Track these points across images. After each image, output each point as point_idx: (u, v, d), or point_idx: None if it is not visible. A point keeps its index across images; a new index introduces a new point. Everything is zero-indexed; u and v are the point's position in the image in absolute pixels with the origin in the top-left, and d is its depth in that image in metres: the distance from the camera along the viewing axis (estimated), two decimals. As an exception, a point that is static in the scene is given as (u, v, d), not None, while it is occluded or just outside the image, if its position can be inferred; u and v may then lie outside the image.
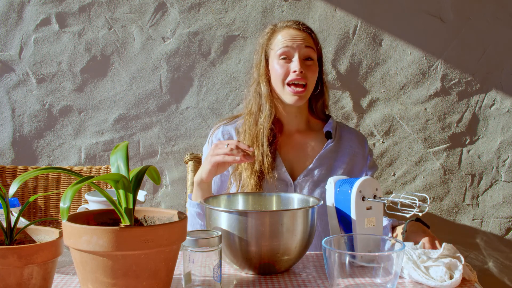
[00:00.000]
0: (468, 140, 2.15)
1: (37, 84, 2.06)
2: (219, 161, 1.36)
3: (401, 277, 1.10)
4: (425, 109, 2.13)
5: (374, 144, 2.13)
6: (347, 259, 0.97)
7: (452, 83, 2.12)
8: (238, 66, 2.08)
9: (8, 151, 2.07)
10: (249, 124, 1.60)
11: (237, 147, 1.35)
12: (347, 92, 2.11)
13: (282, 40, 1.57)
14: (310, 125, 1.68)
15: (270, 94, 1.60)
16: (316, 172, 1.58)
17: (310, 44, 1.57)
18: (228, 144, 1.35)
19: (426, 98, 2.12)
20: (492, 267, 2.19)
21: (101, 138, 2.09)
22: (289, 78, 1.55)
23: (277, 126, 1.62)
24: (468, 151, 2.15)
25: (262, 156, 1.54)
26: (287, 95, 1.56)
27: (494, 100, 2.14)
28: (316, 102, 1.67)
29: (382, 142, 2.13)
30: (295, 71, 1.53)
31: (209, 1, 2.06)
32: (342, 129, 1.69)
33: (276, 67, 1.57)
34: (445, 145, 2.14)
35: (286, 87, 1.56)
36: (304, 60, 1.56)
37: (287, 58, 1.55)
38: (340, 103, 2.11)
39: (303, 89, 1.55)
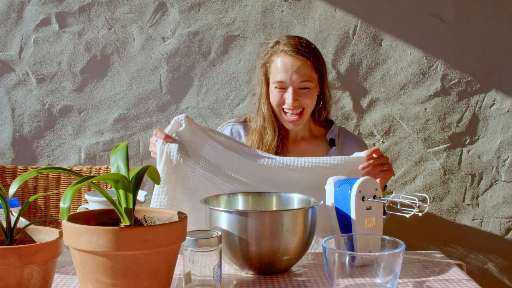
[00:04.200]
0: (468, 140, 2.15)
1: (37, 84, 2.06)
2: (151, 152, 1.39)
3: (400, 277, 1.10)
4: (425, 109, 2.13)
5: (374, 144, 2.13)
6: (347, 259, 0.97)
7: (452, 83, 2.12)
8: (238, 66, 2.08)
9: (8, 151, 2.07)
10: (256, 140, 1.63)
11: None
12: (347, 92, 2.11)
13: (278, 68, 1.57)
14: (313, 132, 1.72)
15: (272, 115, 1.63)
16: None
17: (305, 74, 1.56)
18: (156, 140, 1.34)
19: (426, 98, 2.12)
20: (492, 267, 2.19)
21: (101, 138, 2.09)
22: (284, 106, 1.59)
23: (283, 132, 1.66)
24: (468, 151, 2.15)
25: None
26: (284, 121, 1.62)
27: (494, 100, 2.14)
28: (319, 115, 1.70)
29: (382, 142, 2.13)
30: (289, 103, 1.56)
31: (209, 1, 2.06)
32: (345, 136, 1.72)
33: (273, 92, 1.60)
34: (445, 145, 2.14)
35: (282, 113, 1.60)
36: (299, 89, 1.57)
37: (282, 88, 1.58)
38: (340, 103, 2.11)
39: (298, 117, 1.58)
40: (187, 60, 2.08)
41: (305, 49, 1.57)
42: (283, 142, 1.64)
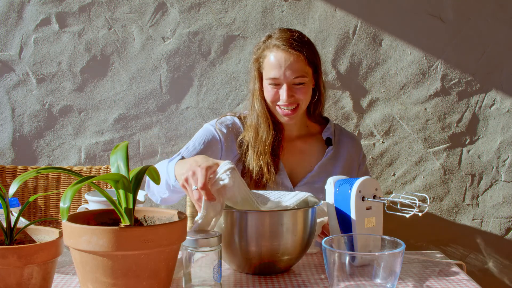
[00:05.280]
0: (468, 140, 2.15)
1: (37, 84, 2.06)
2: (182, 185, 1.19)
3: (400, 278, 1.10)
4: (425, 109, 2.13)
5: (374, 144, 2.13)
6: (347, 259, 0.97)
7: (452, 83, 2.12)
8: (238, 66, 2.08)
9: (8, 151, 2.07)
10: (252, 137, 1.58)
11: (197, 202, 1.14)
12: (347, 92, 2.11)
13: (271, 64, 1.53)
14: (309, 129, 1.69)
15: (266, 111, 1.59)
16: (317, 179, 1.59)
17: (299, 69, 1.51)
18: (195, 188, 1.14)
19: (426, 98, 2.12)
20: (492, 267, 2.19)
21: (101, 138, 2.09)
22: (278, 102, 1.55)
23: (279, 127, 1.62)
24: (468, 151, 2.15)
25: (267, 167, 1.55)
26: (278, 115, 1.58)
27: (494, 100, 2.14)
28: (314, 110, 1.67)
29: (382, 142, 2.13)
30: (283, 99, 1.53)
31: (209, 1, 2.06)
32: (340, 134, 1.70)
33: (267, 88, 1.56)
34: (445, 145, 2.14)
35: (277, 107, 1.56)
36: (294, 84, 1.53)
37: (276, 84, 1.54)
38: (340, 103, 2.11)
39: (292, 111, 1.55)
40: (187, 60, 2.08)
41: (297, 43, 1.53)
42: (279, 140, 1.60)
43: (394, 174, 2.15)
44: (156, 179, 1.00)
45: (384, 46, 2.10)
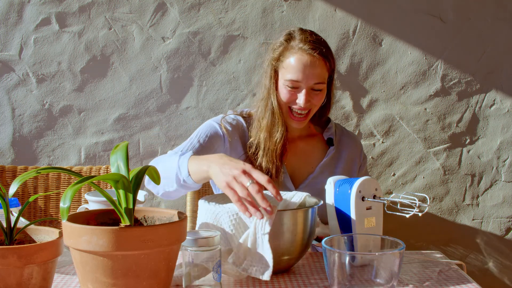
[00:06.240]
0: (468, 140, 2.15)
1: (37, 84, 2.06)
2: (224, 190, 1.12)
3: (400, 280, 1.10)
4: (425, 109, 2.13)
5: (374, 144, 2.13)
6: (347, 259, 0.97)
7: (452, 83, 2.12)
8: (238, 66, 2.08)
9: (8, 151, 2.07)
10: (263, 139, 1.55)
11: (259, 192, 1.08)
12: (347, 92, 2.11)
13: (293, 66, 1.48)
14: (311, 129, 1.68)
15: (280, 110, 1.54)
16: (318, 180, 1.58)
17: (321, 75, 1.48)
18: (251, 182, 1.09)
19: (426, 98, 2.12)
20: (492, 267, 2.19)
21: (101, 138, 2.09)
22: (293, 106, 1.52)
23: (285, 130, 1.59)
24: (468, 151, 2.15)
25: (276, 169, 1.54)
26: (289, 119, 1.55)
27: (494, 100, 2.14)
28: (322, 114, 1.66)
29: (382, 142, 2.14)
30: (300, 104, 1.49)
31: (209, 1, 2.06)
32: (342, 134, 1.69)
33: (282, 90, 1.52)
34: (445, 145, 2.14)
35: (289, 110, 1.54)
36: (312, 89, 1.50)
37: (294, 87, 1.50)
38: (340, 103, 2.11)
39: (304, 116, 1.53)
40: (187, 60, 2.08)
41: (323, 48, 1.49)
42: (284, 141, 1.57)
43: (394, 174, 2.15)
44: (156, 179, 1.00)
45: (384, 46, 2.10)
